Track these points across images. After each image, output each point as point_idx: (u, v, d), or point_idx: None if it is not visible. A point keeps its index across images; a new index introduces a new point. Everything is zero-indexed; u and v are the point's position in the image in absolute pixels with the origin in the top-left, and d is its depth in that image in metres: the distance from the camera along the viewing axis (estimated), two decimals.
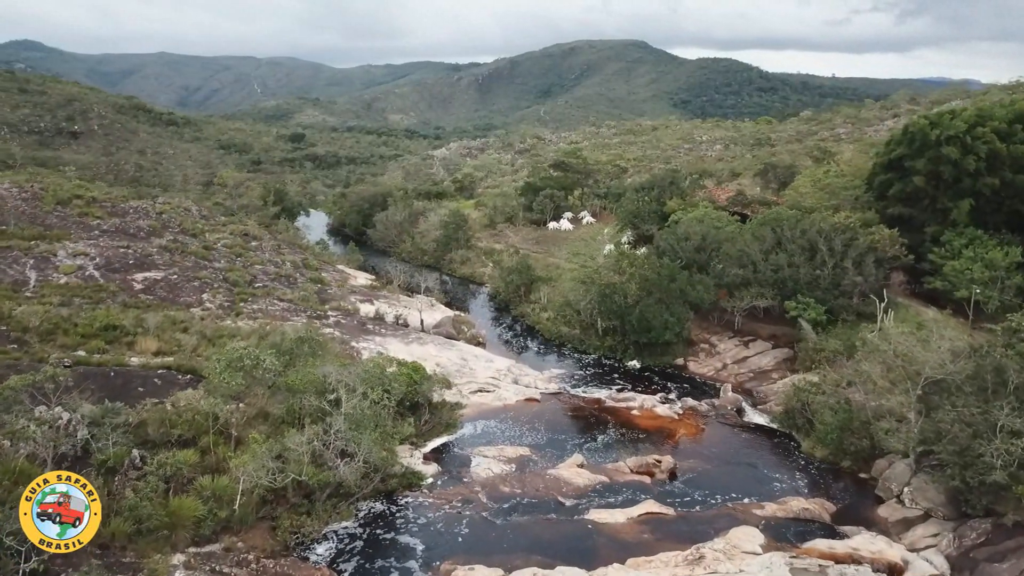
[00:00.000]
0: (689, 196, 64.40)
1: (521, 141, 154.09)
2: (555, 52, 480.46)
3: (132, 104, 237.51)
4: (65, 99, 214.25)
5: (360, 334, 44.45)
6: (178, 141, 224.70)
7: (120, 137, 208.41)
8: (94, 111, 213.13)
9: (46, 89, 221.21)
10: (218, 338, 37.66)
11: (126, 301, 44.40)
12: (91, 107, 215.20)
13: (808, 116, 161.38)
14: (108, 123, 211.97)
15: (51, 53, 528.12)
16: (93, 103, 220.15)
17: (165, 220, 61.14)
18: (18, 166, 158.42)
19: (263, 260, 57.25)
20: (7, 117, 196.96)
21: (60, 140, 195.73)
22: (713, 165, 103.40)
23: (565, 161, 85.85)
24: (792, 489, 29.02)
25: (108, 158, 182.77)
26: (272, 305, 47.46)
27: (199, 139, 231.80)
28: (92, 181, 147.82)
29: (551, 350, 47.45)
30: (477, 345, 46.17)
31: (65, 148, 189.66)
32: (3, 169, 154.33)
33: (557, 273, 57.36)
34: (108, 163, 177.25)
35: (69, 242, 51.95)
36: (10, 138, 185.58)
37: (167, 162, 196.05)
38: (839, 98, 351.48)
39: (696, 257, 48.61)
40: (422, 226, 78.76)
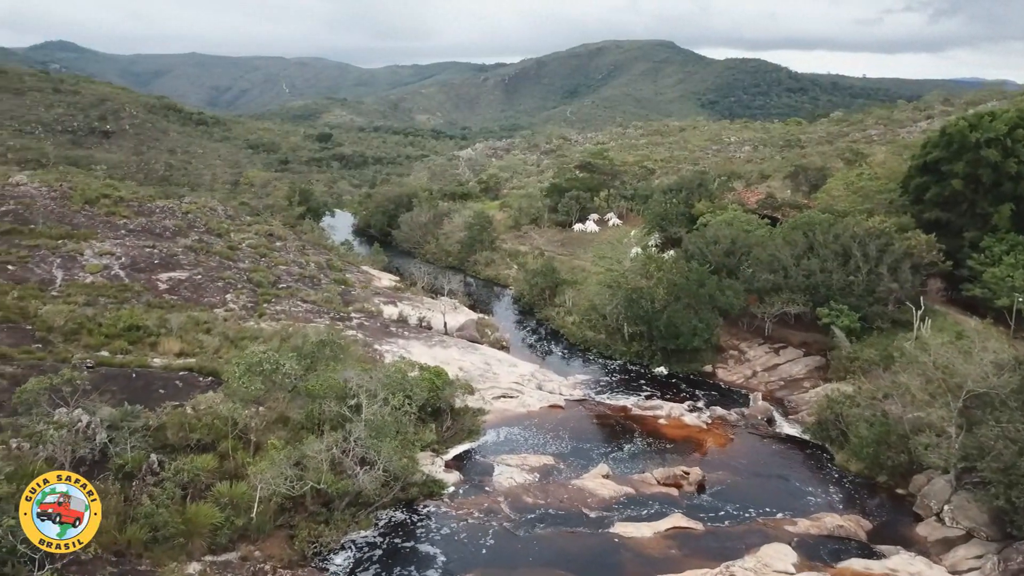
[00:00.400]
0: (718, 198, 63.29)
1: (547, 142, 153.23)
2: (582, 52, 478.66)
3: (163, 104, 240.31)
4: (98, 99, 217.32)
5: (383, 336, 44.01)
6: (207, 140, 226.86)
7: (151, 136, 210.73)
8: (126, 111, 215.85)
9: (79, 89, 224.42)
10: (240, 340, 37.39)
11: (150, 301, 44.37)
12: (123, 107, 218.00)
13: (839, 117, 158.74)
14: (139, 123, 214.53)
15: (85, 53, 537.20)
16: (125, 103, 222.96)
17: (191, 220, 61.28)
18: (51, 165, 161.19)
19: (287, 261, 57.11)
20: (41, 116, 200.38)
21: (92, 139, 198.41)
22: (742, 167, 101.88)
23: (591, 162, 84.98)
24: (826, 504, 27.99)
25: (138, 157, 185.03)
26: (295, 306, 47.19)
27: (228, 139, 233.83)
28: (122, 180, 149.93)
29: (576, 355, 46.64)
30: (501, 349, 45.51)
31: (97, 147, 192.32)
32: (36, 168, 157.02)
33: (582, 276, 56.54)
34: (138, 162, 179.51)
35: (96, 241, 52.14)
36: (44, 137, 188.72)
37: (196, 161, 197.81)
38: (870, 99, 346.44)
39: (725, 261, 47.54)
40: (446, 227, 78.29)
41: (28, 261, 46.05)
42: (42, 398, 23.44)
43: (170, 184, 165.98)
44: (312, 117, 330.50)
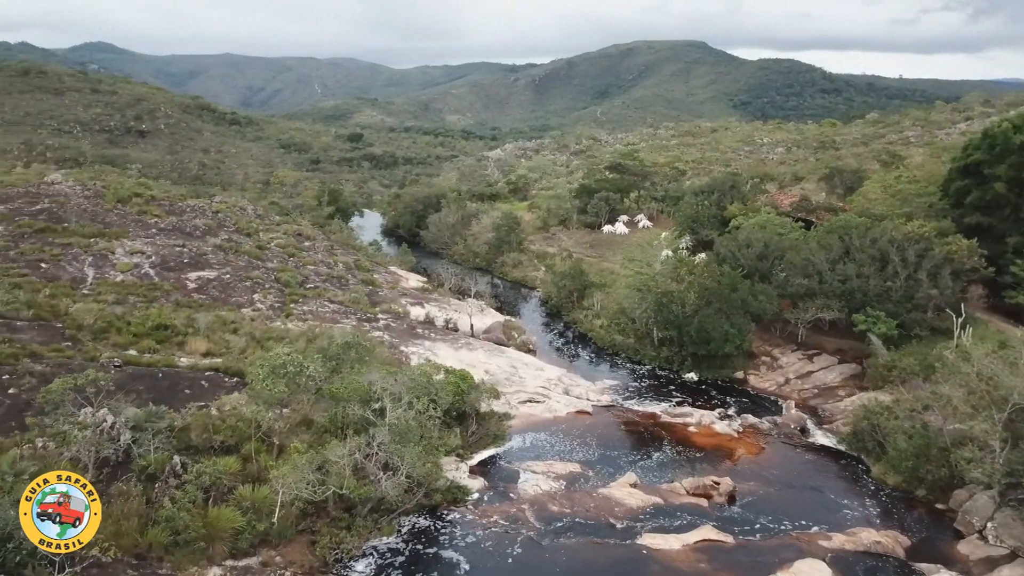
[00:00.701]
0: (750, 201, 62.14)
1: (576, 142, 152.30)
2: (613, 53, 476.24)
3: (197, 104, 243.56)
4: (134, 99, 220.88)
5: (409, 338, 43.70)
6: (240, 140, 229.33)
7: (185, 136, 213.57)
8: (161, 111, 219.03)
9: (116, 89, 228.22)
10: (267, 340, 37.29)
11: (179, 300, 44.54)
12: (158, 107, 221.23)
13: (874, 118, 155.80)
14: (174, 122, 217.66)
15: (122, 54, 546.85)
16: (160, 103, 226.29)
17: (220, 219, 61.63)
18: (88, 164, 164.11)
19: (315, 261, 57.13)
20: (80, 116, 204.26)
21: (128, 139, 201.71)
22: (775, 168, 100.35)
23: (621, 163, 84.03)
24: (862, 518, 27.02)
25: (173, 156, 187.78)
26: (322, 307, 47.09)
27: (260, 138, 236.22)
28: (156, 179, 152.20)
29: (604, 359, 45.90)
30: (527, 352, 44.93)
31: (133, 146, 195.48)
32: (73, 166, 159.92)
33: (611, 279, 55.73)
34: (173, 161, 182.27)
35: (127, 240, 52.61)
36: (82, 136, 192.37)
37: (229, 161, 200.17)
38: (906, 100, 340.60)
39: (758, 265, 46.50)
40: (474, 228, 77.83)
41: (60, 259, 46.54)
42: (67, 398, 23.38)
43: (203, 183, 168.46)
44: (343, 117, 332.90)
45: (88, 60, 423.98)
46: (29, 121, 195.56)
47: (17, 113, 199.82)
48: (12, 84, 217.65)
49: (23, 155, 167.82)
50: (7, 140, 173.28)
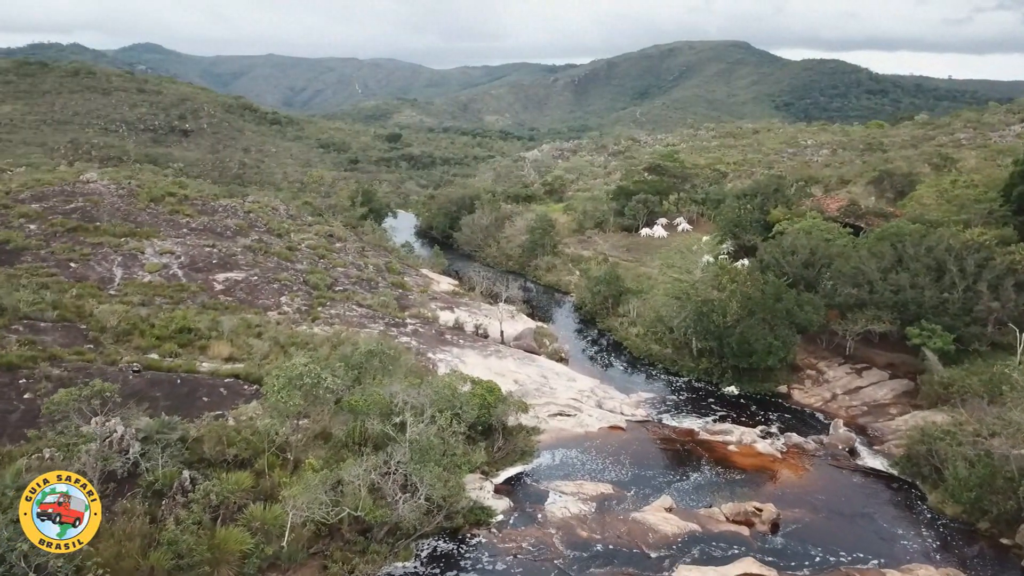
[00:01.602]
0: (795, 205, 59.61)
1: (615, 143, 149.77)
2: (653, 53, 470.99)
3: (239, 104, 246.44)
4: (178, 99, 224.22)
5: (437, 344, 42.29)
6: (280, 140, 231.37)
7: (227, 135, 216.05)
8: (204, 110, 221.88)
9: (161, 89, 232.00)
10: (291, 344, 36.16)
11: (205, 302, 43.74)
12: (201, 106, 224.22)
13: (924, 120, 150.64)
14: (217, 122, 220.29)
15: (169, 55, 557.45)
16: (203, 102, 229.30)
17: (252, 219, 60.99)
18: (131, 162, 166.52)
19: (345, 263, 56.10)
20: (126, 115, 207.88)
21: (172, 138, 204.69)
22: (820, 171, 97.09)
23: (661, 164, 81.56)
24: (919, 552, 24.79)
25: (214, 155, 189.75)
26: (350, 310, 45.94)
27: (300, 138, 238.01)
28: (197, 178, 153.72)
29: (639, 370, 43.91)
30: (559, 361, 43.16)
31: (176, 145, 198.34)
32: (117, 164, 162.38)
33: (648, 284, 53.66)
34: (214, 160, 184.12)
35: (158, 240, 52.15)
36: (127, 135, 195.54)
37: (269, 160, 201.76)
38: (956, 101, 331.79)
39: (804, 273, 44.12)
40: (508, 231, 75.98)
41: (90, 259, 46.12)
42: (72, 408, 22.34)
43: (243, 182, 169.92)
44: (383, 117, 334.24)
45: (136, 61, 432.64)
46: (77, 120, 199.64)
47: (66, 112, 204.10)
48: (63, 84, 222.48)
49: (69, 153, 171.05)
50: (55, 139, 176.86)
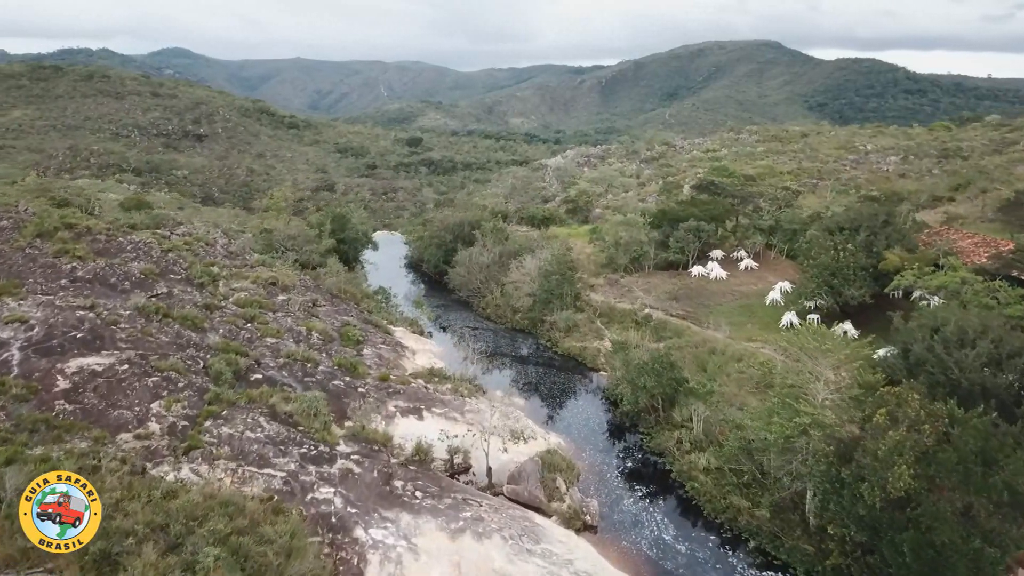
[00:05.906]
0: (916, 243, 41.14)
1: (647, 147, 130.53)
2: (682, 53, 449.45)
3: (256, 107, 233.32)
4: (193, 102, 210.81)
5: (377, 504, 24.48)
6: (297, 144, 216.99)
7: (242, 140, 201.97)
8: (219, 114, 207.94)
9: (176, 93, 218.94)
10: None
11: (22, 416, 26.52)
12: (216, 110, 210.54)
13: (996, 121, 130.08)
14: (232, 126, 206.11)
15: (198, 60, 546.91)
16: (219, 106, 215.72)
17: (169, 262, 43.78)
18: (131, 170, 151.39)
19: (281, 330, 38.41)
20: (138, 120, 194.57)
21: (186, 142, 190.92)
22: (899, 184, 77.86)
23: (714, 180, 61.60)
24: None
25: (222, 162, 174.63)
26: (253, 429, 28.29)
27: (318, 142, 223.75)
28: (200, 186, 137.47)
29: (711, 535, 25.72)
30: (580, 533, 25.05)
31: (189, 150, 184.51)
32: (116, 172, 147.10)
33: (717, 367, 35.21)
34: (221, 167, 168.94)
35: (12, 299, 35.19)
36: (138, 140, 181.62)
37: (281, 166, 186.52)
38: (998, 100, 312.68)
39: (987, 380, 25.65)
40: (514, 274, 55.45)
41: None
42: None
43: (250, 190, 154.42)
44: (407, 120, 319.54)
45: (165, 65, 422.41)
46: (88, 125, 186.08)
47: (78, 117, 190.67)
48: (76, 88, 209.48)
49: (67, 161, 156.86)
50: (55, 145, 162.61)
